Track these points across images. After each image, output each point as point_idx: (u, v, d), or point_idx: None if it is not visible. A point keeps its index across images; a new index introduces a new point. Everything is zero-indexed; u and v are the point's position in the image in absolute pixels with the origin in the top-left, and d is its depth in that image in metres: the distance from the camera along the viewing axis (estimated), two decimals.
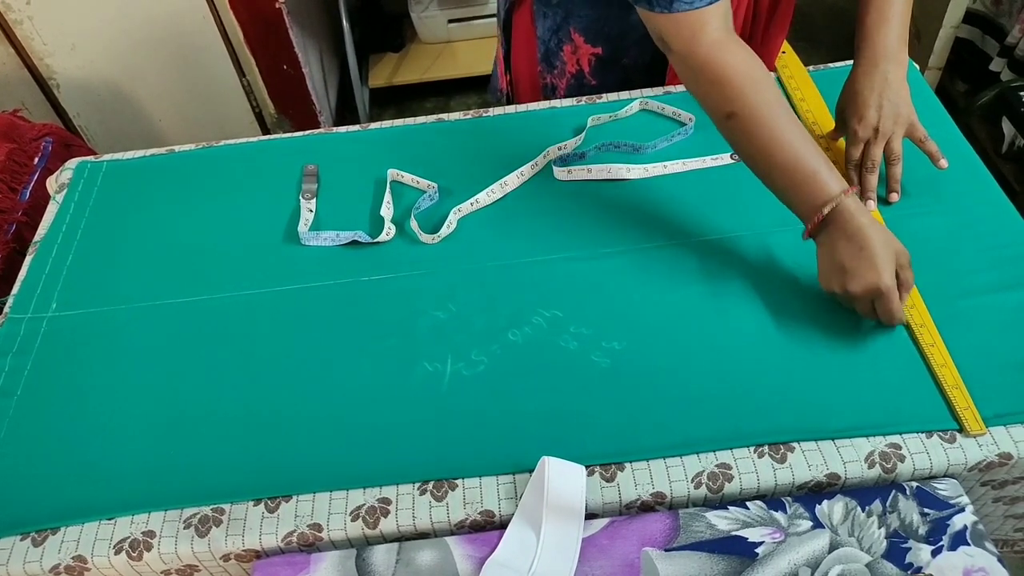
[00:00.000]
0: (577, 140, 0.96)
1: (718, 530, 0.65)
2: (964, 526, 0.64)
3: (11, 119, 1.30)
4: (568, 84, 1.08)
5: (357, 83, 2.09)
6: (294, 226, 0.92)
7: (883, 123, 0.83)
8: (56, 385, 0.79)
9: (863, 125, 0.84)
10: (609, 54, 1.02)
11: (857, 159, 0.86)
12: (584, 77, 1.06)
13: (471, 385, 0.76)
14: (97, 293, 0.88)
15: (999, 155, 1.75)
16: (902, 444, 0.69)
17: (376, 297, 0.84)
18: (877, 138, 0.84)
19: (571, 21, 1.01)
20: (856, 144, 0.85)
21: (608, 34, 1.00)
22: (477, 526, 0.68)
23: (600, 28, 1.00)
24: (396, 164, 0.96)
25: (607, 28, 1.00)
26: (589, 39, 1.01)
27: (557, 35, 1.04)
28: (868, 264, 0.70)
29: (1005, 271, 0.80)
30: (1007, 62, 1.77)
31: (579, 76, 1.07)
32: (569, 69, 1.06)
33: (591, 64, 1.04)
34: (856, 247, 0.71)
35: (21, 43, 1.65)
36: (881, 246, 0.70)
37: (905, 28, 0.83)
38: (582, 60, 1.04)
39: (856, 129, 0.84)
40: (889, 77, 0.83)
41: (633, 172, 0.93)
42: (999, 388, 0.71)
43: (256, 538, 0.67)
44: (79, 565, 0.67)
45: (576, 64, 1.05)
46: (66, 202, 0.98)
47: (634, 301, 0.81)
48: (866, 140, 0.84)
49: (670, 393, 0.73)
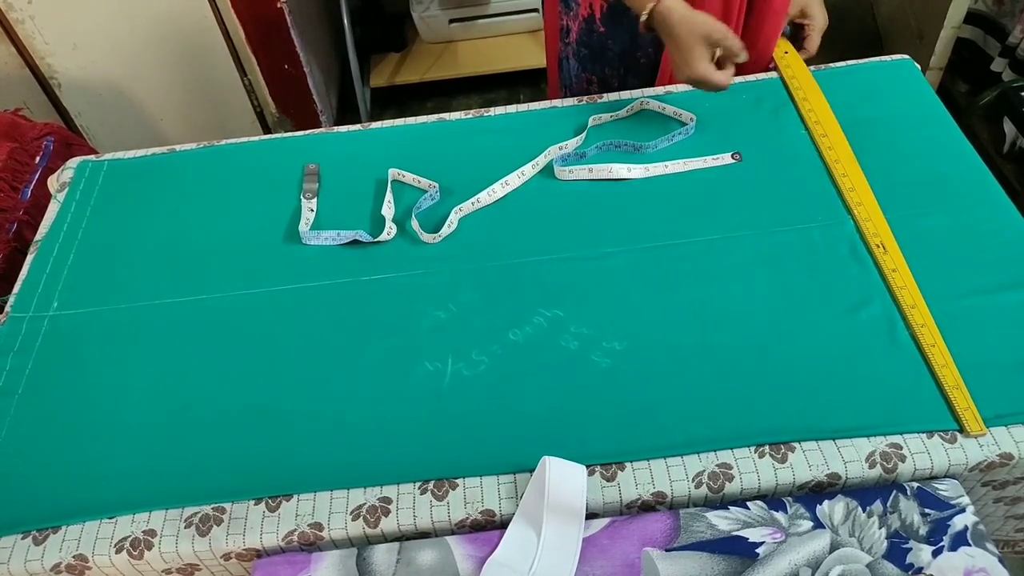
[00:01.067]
0: (578, 140, 0.96)
1: (719, 530, 0.65)
2: (965, 526, 0.64)
3: (12, 118, 1.30)
4: (580, 28, 1.09)
5: (358, 83, 2.10)
6: (295, 225, 0.92)
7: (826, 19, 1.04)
8: (57, 384, 0.79)
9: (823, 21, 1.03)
10: (619, 1, 1.02)
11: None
12: (595, 23, 1.06)
13: (472, 385, 0.76)
14: (98, 292, 0.88)
15: (1000, 155, 1.75)
16: (903, 444, 0.69)
17: (377, 296, 0.84)
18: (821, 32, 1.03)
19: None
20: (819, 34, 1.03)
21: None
22: (478, 526, 0.68)
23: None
24: (397, 164, 0.97)
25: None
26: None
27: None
28: (681, 58, 0.87)
29: (1006, 271, 0.80)
30: (1008, 62, 1.77)
31: (590, 21, 1.07)
32: (582, 12, 1.07)
33: (603, 9, 1.04)
34: (673, 45, 0.88)
35: (23, 42, 1.65)
36: (686, 36, 0.86)
37: None
38: (595, 3, 1.04)
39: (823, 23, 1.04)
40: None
41: (634, 172, 0.93)
42: (1000, 388, 0.71)
43: (257, 537, 0.67)
44: (80, 564, 0.67)
45: (589, 7, 1.05)
46: (67, 201, 0.98)
47: (635, 301, 0.81)
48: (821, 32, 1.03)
49: (671, 393, 0.73)
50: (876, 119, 0.96)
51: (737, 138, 0.93)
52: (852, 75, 1.03)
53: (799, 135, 0.95)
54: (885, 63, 1.05)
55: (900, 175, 0.90)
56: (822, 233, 0.85)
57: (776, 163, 0.92)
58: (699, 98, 0.99)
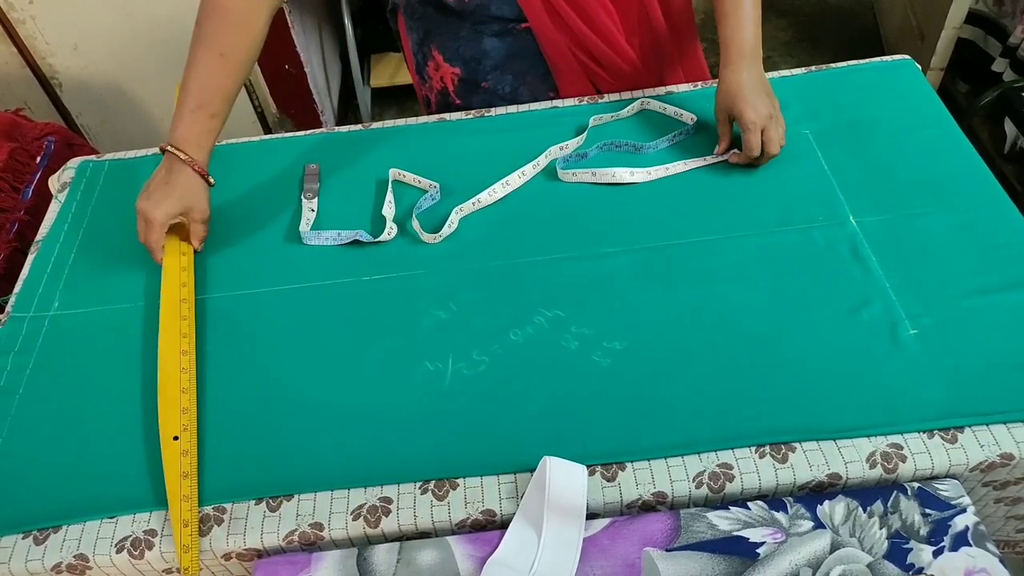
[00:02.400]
0: (579, 140, 0.96)
1: (719, 530, 0.65)
2: (966, 527, 0.64)
3: (13, 118, 1.30)
4: (436, 100, 1.09)
5: (359, 83, 2.10)
6: (296, 225, 0.92)
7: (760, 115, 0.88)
8: (58, 384, 0.79)
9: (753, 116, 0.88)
10: (469, 76, 1.03)
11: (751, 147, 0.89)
12: (449, 95, 1.07)
13: (472, 385, 0.76)
14: (99, 292, 0.88)
15: (1001, 156, 1.76)
16: (904, 444, 0.69)
17: (377, 296, 0.84)
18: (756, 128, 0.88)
19: (431, 39, 1.02)
20: (754, 132, 0.88)
21: (464, 56, 1.01)
22: (478, 526, 0.68)
23: (456, 49, 1.01)
24: (398, 163, 0.97)
25: (462, 50, 1.01)
26: (447, 58, 1.02)
27: (422, 50, 1.05)
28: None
29: (1007, 271, 0.80)
30: (1009, 63, 1.77)
31: (444, 94, 1.07)
32: (435, 85, 1.07)
33: (455, 83, 1.05)
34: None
35: (24, 43, 1.65)
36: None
37: (759, 26, 0.91)
38: (445, 78, 1.05)
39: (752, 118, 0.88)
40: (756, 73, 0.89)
41: (636, 176, 0.92)
42: (1001, 388, 0.71)
43: (257, 537, 0.67)
44: (81, 563, 0.67)
45: (440, 81, 1.06)
46: (68, 201, 0.99)
47: (635, 301, 0.81)
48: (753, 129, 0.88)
49: (671, 393, 0.73)
50: (877, 119, 0.96)
51: (738, 139, 0.93)
52: (853, 75, 1.03)
53: (800, 135, 0.95)
54: (886, 63, 1.04)
55: (900, 175, 0.90)
56: (822, 233, 0.85)
57: (777, 163, 0.92)
58: (700, 99, 0.99)
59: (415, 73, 1.10)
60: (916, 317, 0.76)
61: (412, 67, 1.11)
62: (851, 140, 0.94)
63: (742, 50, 0.89)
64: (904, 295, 0.78)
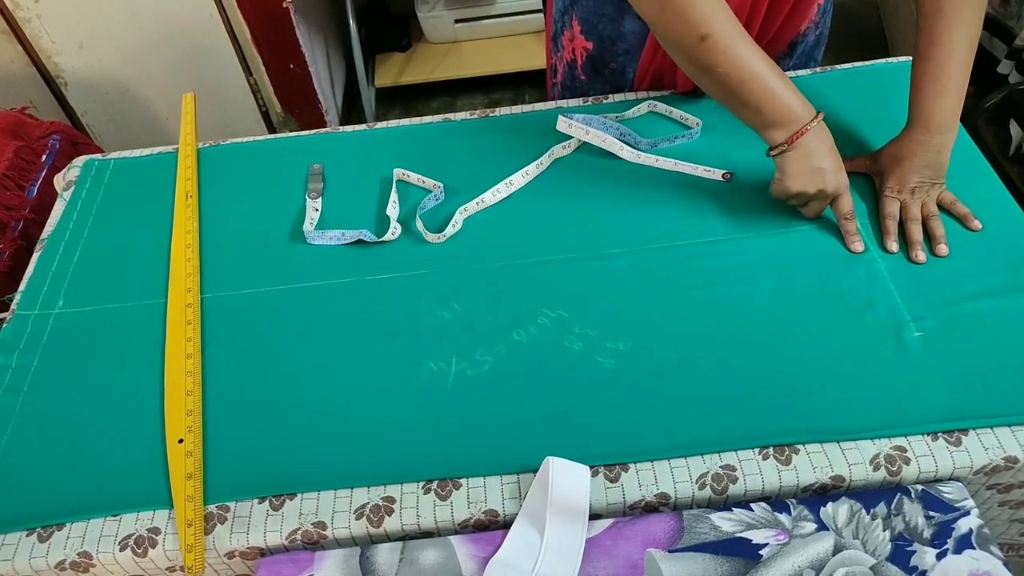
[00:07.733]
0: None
1: (722, 532, 0.65)
2: (969, 529, 0.64)
3: (19, 117, 1.30)
4: (564, 71, 1.09)
5: (363, 83, 2.10)
6: (300, 225, 0.92)
7: (920, 188, 0.85)
8: (62, 382, 0.80)
9: (902, 186, 0.85)
10: (598, 54, 1.02)
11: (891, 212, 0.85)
12: (576, 69, 1.06)
13: (476, 385, 0.76)
14: (103, 290, 0.88)
15: (1006, 158, 1.75)
16: (907, 447, 0.68)
17: (381, 296, 0.84)
18: (914, 197, 0.85)
19: (575, 7, 1.01)
20: (892, 200, 0.85)
21: (601, 33, 1.01)
22: (481, 526, 0.68)
23: (595, 23, 1.00)
24: (402, 163, 0.97)
25: (601, 26, 1.00)
26: (584, 31, 1.02)
27: (563, 18, 1.04)
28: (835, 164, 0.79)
29: (1013, 274, 0.79)
30: (1015, 64, 1.76)
31: (572, 66, 1.07)
32: (566, 55, 1.07)
33: (583, 58, 1.04)
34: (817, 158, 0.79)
35: (29, 41, 1.66)
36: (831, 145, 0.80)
37: (961, 99, 0.83)
38: (576, 51, 1.04)
39: (895, 187, 0.85)
40: (941, 149, 0.84)
41: (625, 152, 0.93)
42: (1006, 391, 0.71)
43: (260, 536, 0.68)
44: (84, 561, 0.67)
45: (572, 53, 1.05)
46: (73, 199, 0.99)
47: (639, 302, 0.81)
48: (902, 200, 0.85)
49: (675, 394, 0.73)
50: (882, 121, 0.96)
51: (741, 141, 0.93)
52: (858, 77, 1.03)
53: None
54: (891, 64, 1.04)
55: None
56: (827, 235, 0.85)
57: None
58: (707, 104, 0.99)
59: (550, 40, 1.10)
60: (921, 319, 0.76)
61: (549, 33, 1.11)
62: (856, 141, 0.94)
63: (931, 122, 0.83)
64: (909, 297, 0.78)
